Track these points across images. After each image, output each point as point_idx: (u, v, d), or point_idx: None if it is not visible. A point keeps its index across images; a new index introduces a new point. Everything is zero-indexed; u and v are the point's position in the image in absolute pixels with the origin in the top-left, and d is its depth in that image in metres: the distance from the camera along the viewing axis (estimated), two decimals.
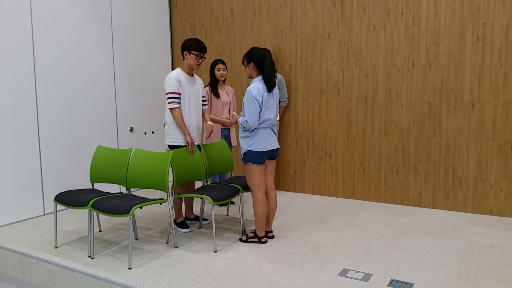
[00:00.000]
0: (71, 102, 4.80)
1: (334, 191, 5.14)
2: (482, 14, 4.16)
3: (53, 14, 4.57)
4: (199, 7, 5.95)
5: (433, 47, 4.42)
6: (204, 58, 3.84)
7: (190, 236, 3.84)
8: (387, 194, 4.81)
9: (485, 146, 4.26)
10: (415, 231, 3.85)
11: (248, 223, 4.17)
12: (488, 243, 3.52)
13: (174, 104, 3.74)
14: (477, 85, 4.25)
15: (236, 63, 5.71)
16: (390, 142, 4.73)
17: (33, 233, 3.96)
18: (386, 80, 4.69)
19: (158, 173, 3.47)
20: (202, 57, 3.82)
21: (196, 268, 3.10)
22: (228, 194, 3.61)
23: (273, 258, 3.28)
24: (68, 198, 3.46)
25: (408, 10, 4.50)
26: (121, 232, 3.96)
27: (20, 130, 4.31)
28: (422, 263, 3.13)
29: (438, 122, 4.46)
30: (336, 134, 5.04)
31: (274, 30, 5.36)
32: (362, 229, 3.92)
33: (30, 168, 4.42)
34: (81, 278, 3.09)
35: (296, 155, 5.36)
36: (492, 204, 4.28)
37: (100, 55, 5.12)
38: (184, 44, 3.80)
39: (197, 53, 3.78)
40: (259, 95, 3.38)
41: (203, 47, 3.80)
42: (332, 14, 4.94)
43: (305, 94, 5.21)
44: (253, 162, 3.47)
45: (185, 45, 3.80)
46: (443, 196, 4.50)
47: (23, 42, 4.31)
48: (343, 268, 3.06)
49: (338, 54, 4.94)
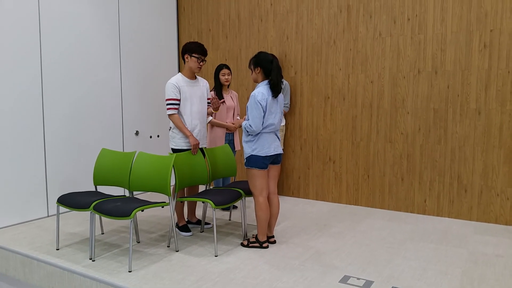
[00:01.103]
0: (77, 104, 4.83)
1: (338, 197, 5.11)
2: (489, 21, 4.13)
3: (61, 17, 4.62)
4: (206, 13, 5.98)
5: (439, 54, 4.39)
6: (205, 61, 3.86)
7: (191, 240, 3.83)
8: (391, 201, 4.77)
9: (491, 154, 4.22)
10: (418, 238, 3.81)
11: (250, 228, 4.15)
12: (493, 252, 3.47)
13: (171, 111, 3.77)
14: (483, 93, 4.21)
15: (242, 69, 5.72)
16: (395, 148, 4.70)
17: (36, 235, 3.98)
18: (392, 87, 4.67)
19: (161, 177, 3.47)
20: (203, 60, 3.84)
21: (196, 272, 3.09)
22: (230, 198, 3.60)
23: (274, 263, 3.25)
24: (70, 200, 3.47)
25: (414, 16, 4.48)
26: (123, 235, 3.96)
27: (25, 132, 4.35)
28: (424, 271, 3.09)
29: (444, 129, 4.42)
30: (340, 140, 5.02)
31: (280, 36, 5.36)
32: (365, 236, 3.89)
33: (35, 170, 4.44)
34: (81, 280, 3.08)
35: (300, 161, 5.33)
36: (497, 213, 4.22)
37: (107, 59, 5.15)
38: (185, 47, 3.82)
39: (198, 55, 3.79)
40: (264, 100, 3.38)
41: (203, 49, 3.82)
42: (338, 20, 4.94)
43: (310, 100, 5.19)
44: (256, 166, 3.46)
45: (186, 48, 3.82)
46: (448, 203, 4.45)
47: (30, 44, 4.35)
48: (344, 275, 3.03)
49: (344, 60, 4.93)
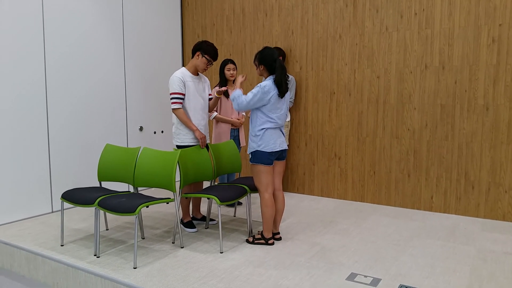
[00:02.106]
0: (81, 100, 4.81)
1: (343, 193, 5.07)
2: (498, 15, 4.07)
3: (64, 13, 4.59)
4: (210, 8, 5.93)
5: (446, 48, 4.34)
6: (212, 65, 3.87)
7: (196, 236, 3.80)
8: (398, 198, 4.72)
9: (499, 150, 4.16)
10: (425, 235, 3.77)
11: (255, 224, 4.13)
12: (501, 250, 3.42)
13: (177, 105, 3.74)
14: (491, 88, 4.15)
15: (247, 64, 5.68)
16: (401, 145, 4.65)
17: (41, 231, 3.97)
18: (398, 82, 4.61)
19: (165, 173, 3.44)
20: (212, 63, 3.83)
21: (201, 269, 3.07)
22: (235, 194, 3.57)
23: (279, 260, 3.23)
24: (75, 196, 3.45)
25: (421, 11, 4.42)
26: (128, 231, 3.94)
27: (29, 128, 4.33)
28: (432, 269, 3.05)
29: (451, 125, 4.37)
30: (346, 136, 4.98)
31: (285, 31, 5.31)
32: (371, 233, 3.85)
33: (39, 166, 4.43)
34: (86, 277, 3.07)
35: (306, 157, 5.30)
36: (505, 210, 4.18)
37: (111, 54, 5.12)
38: (200, 45, 3.79)
39: (209, 58, 3.78)
40: (269, 92, 3.36)
41: (216, 54, 3.82)
42: (344, 14, 4.88)
43: (316, 95, 5.15)
44: (261, 162, 3.43)
45: (201, 46, 3.79)
46: (455, 200, 4.41)
47: (34, 41, 4.33)
48: (351, 272, 3.00)
49: (350, 55, 4.88)
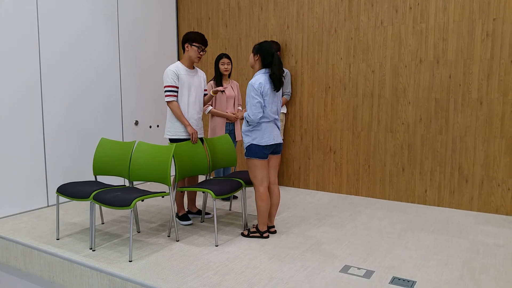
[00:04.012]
0: (76, 94, 4.80)
1: (338, 187, 5.10)
2: (492, 9, 4.09)
3: (59, 7, 4.56)
4: (205, 1, 5.91)
5: (441, 43, 4.35)
6: (205, 51, 3.85)
7: (192, 229, 3.82)
8: (392, 191, 4.76)
9: (492, 144, 4.20)
10: (419, 229, 3.80)
11: (250, 217, 4.15)
12: (494, 243, 3.46)
13: (170, 98, 3.74)
14: (485, 82, 4.18)
15: (242, 58, 5.67)
16: (396, 139, 4.68)
17: (36, 225, 3.97)
18: (393, 76, 4.63)
19: (160, 166, 3.45)
20: (203, 49, 3.81)
21: (197, 262, 3.09)
22: (231, 188, 3.58)
23: (274, 253, 3.25)
24: (70, 190, 3.46)
25: (416, 5, 4.43)
26: (123, 225, 3.95)
27: (25, 122, 4.32)
28: (425, 261, 3.09)
29: (445, 119, 4.39)
30: (341, 130, 5.00)
31: (280, 25, 5.31)
32: (365, 226, 3.88)
33: (35, 160, 4.43)
34: (82, 270, 3.08)
35: (301, 151, 5.32)
36: (498, 203, 4.22)
37: (106, 49, 5.11)
38: (186, 37, 3.80)
39: (199, 45, 3.77)
40: (261, 88, 3.37)
41: (204, 39, 3.80)
42: (339, 9, 4.88)
43: (311, 90, 5.16)
44: (256, 156, 3.44)
45: (187, 37, 3.80)
46: (449, 194, 4.44)
47: (29, 36, 4.31)
48: (344, 265, 3.03)
49: (345, 49, 4.89)
